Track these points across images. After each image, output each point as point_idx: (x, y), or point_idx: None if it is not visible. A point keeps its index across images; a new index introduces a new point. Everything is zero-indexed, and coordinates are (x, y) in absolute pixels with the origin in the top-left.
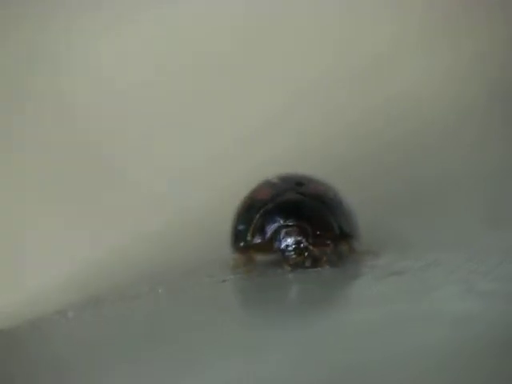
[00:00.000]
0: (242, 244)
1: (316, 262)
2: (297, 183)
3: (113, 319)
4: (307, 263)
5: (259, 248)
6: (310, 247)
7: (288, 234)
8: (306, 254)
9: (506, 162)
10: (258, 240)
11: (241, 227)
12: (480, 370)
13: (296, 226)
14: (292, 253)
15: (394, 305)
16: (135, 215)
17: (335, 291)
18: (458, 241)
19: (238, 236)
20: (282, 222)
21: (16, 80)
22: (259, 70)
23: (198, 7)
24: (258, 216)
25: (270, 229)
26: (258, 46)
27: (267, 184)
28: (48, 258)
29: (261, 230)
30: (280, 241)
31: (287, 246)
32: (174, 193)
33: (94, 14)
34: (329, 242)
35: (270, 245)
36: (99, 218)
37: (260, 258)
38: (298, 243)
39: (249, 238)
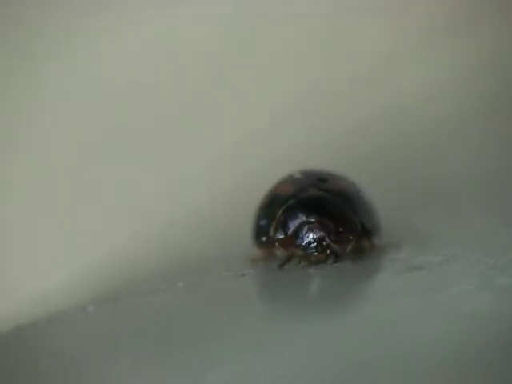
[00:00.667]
0: (264, 239)
1: (337, 259)
2: (319, 179)
3: (132, 314)
4: (329, 260)
5: (281, 243)
6: (332, 244)
7: (310, 231)
8: (328, 251)
9: None
10: (280, 235)
11: (263, 222)
12: (497, 365)
13: (318, 223)
14: (314, 250)
15: (412, 300)
16: (154, 209)
17: (354, 286)
18: (476, 236)
19: (260, 231)
20: (304, 218)
21: (16, 80)
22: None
23: (197, 8)
24: (280, 211)
25: (293, 225)
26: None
27: (290, 179)
28: (67, 254)
29: (283, 226)
30: (302, 237)
31: (309, 242)
32: (194, 186)
33: (94, 15)
34: (351, 239)
35: (292, 240)
36: (117, 213)
37: (281, 253)
38: (320, 240)
39: (271, 233)
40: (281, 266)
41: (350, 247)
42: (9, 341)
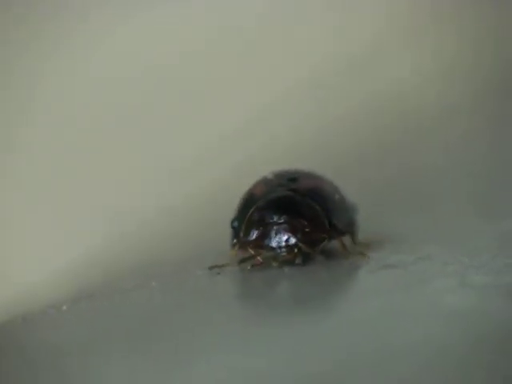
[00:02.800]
0: (234, 241)
1: (305, 259)
2: (290, 179)
3: (106, 313)
4: (297, 260)
5: (251, 245)
6: (300, 244)
7: (278, 232)
8: (296, 251)
9: (501, 156)
10: (249, 238)
11: (235, 224)
12: (474, 363)
13: (286, 223)
14: (282, 250)
15: (387, 298)
16: (128, 208)
17: (329, 284)
18: (451, 234)
19: (233, 232)
20: (272, 219)
21: (16, 80)
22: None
23: (194, 8)
24: (249, 213)
25: (261, 226)
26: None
27: (263, 180)
28: (40, 253)
29: (252, 227)
30: (270, 238)
31: (278, 243)
32: (168, 185)
33: (94, 15)
34: (319, 239)
35: (260, 242)
36: (91, 212)
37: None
38: (287, 240)
39: (241, 236)
40: (240, 262)
41: (319, 247)
42: None
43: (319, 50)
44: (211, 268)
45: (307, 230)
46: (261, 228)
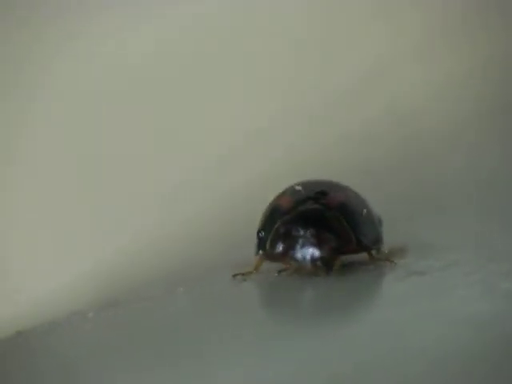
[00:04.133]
0: (260, 252)
1: (328, 274)
2: (319, 192)
3: (132, 320)
4: (321, 274)
5: (276, 258)
6: (326, 259)
7: (304, 245)
8: (321, 265)
9: None
10: (275, 250)
11: (262, 234)
12: (501, 371)
13: (314, 237)
14: (307, 264)
15: (415, 305)
16: (155, 214)
17: (357, 291)
18: (479, 241)
19: (259, 242)
20: (299, 232)
21: (16, 81)
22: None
23: (195, 9)
24: (276, 225)
25: (288, 239)
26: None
27: (290, 191)
28: (67, 259)
29: (279, 240)
30: (296, 251)
31: (303, 256)
32: (198, 189)
33: (94, 16)
34: (344, 254)
35: (286, 256)
36: (118, 217)
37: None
38: (313, 254)
39: (267, 247)
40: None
41: (339, 262)
42: (9, 346)
43: (330, 65)
44: (235, 276)
45: (334, 245)
46: (288, 241)
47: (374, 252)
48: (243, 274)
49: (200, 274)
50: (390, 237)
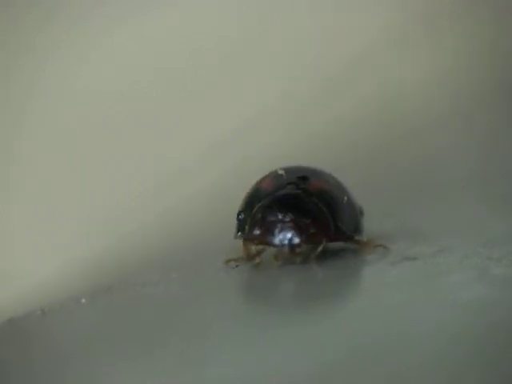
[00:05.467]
0: (239, 234)
1: (306, 260)
2: (301, 177)
3: (125, 306)
4: (298, 260)
5: (255, 240)
6: (303, 244)
7: (282, 230)
8: (298, 251)
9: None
10: (254, 232)
11: (241, 216)
12: (493, 355)
13: (291, 222)
14: (284, 249)
15: (408, 290)
16: (148, 201)
17: (349, 277)
18: (471, 226)
19: (238, 225)
20: (278, 216)
21: (17, 81)
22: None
23: (191, 11)
24: (256, 208)
25: (267, 222)
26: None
27: (274, 175)
28: (60, 245)
29: (258, 223)
30: (274, 236)
31: (281, 241)
32: (186, 177)
33: (94, 17)
34: (322, 240)
35: (264, 238)
36: (111, 205)
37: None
38: (291, 240)
39: (246, 230)
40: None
41: (320, 248)
42: (2, 332)
43: (319, 52)
44: (227, 261)
45: (312, 231)
46: (266, 224)
47: (359, 240)
48: (235, 260)
49: (193, 260)
50: (380, 222)
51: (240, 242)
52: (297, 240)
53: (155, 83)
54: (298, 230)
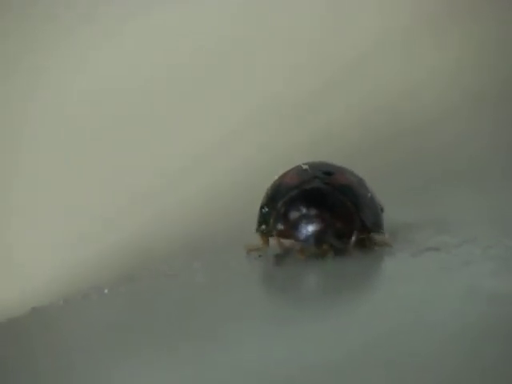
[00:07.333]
0: (263, 228)
1: (335, 254)
2: (325, 172)
3: (147, 296)
4: (329, 255)
5: (280, 235)
6: (329, 239)
7: (309, 224)
8: (325, 246)
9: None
10: (279, 227)
11: (265, 210)
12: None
13: (317, 216)
14: (310, 243)
15: (430, 281)
16: (171, 190)
17: (372, 267)
18: (494, 217)
19: (261, 219)
20: (304, 210)
21: (17, 81)
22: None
23: (191, 11)
24: (282, 202)
25: (292, 216)
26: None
27: (297, 170)
28: (83, 234)
29: (283, 217)
30: (300, 230)
31: (307, 236)
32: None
33: (94, 17)
34: (349, 235)
35: (290, 233)
36: (133, 194)
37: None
38: (317, 234)
39: (271, 223)
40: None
41: (350, 242)
42: (25, 322)
43: (321, 51)
44: (249, 251)
45: (338, 225)
46: (291, 219)
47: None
48: (257, 249)
49: (216, 250)
50: (402, 213)
51: (258, 235)
52: (323, 235)
53: (155, 83)
54: (324, 224)
